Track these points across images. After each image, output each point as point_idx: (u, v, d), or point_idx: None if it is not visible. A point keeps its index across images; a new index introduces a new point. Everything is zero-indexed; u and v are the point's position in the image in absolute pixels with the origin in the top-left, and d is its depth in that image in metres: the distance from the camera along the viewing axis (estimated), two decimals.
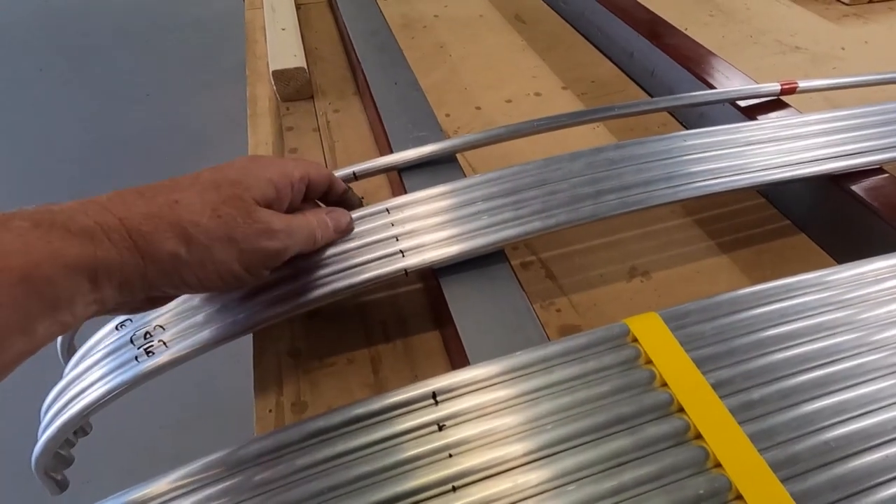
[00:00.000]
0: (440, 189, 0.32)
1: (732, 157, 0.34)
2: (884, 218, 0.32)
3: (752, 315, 0.24)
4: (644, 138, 0.35)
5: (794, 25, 0.63)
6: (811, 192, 0.36)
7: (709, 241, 0.37)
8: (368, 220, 0.30)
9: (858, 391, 0.21)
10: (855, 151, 0.35)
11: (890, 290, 0.26)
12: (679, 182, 0.32)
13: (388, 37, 0.51)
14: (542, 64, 0.56)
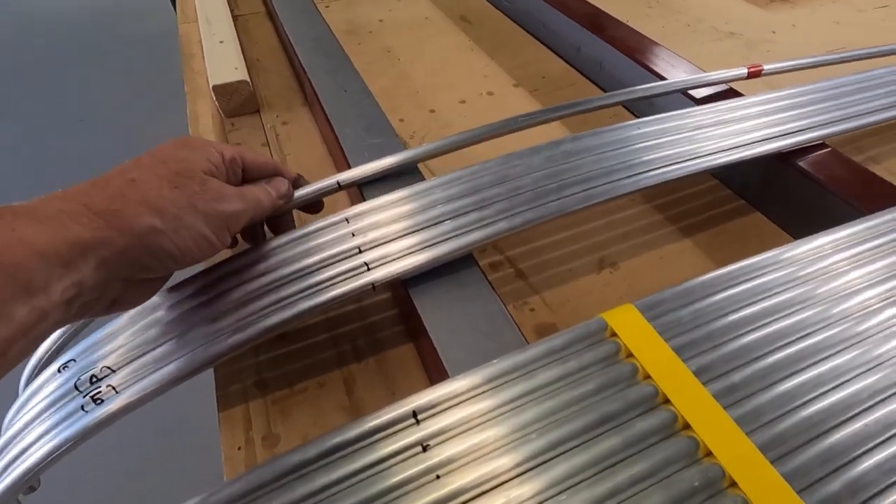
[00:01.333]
0: (400, 194, 0.30)
1: (684, 142, 0.35)
2: (830, 190, 0.33)
3: (723, 298, 0.24)
4: (599, 129, 0.35)
5: (727, 13, 0.66)
6: (761, 172, 0.37)
7: (669, 226, 0.37)
8: (328, 231, 0.28)
9: (831, 363, 0.22)
10: (798, 129, 0.37)
11: (844, 261, 0.27)
12: (638, 171, 0.33)
13: (332, 43, 0.50)
14: (491, 63, 0.56)
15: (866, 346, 0.22)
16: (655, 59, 0.46)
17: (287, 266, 0.27)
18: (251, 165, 0.28)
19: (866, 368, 0.22)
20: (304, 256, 0.27)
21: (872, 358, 0.22)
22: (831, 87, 0.42)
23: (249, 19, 0.64)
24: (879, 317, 0.24)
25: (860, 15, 0.66)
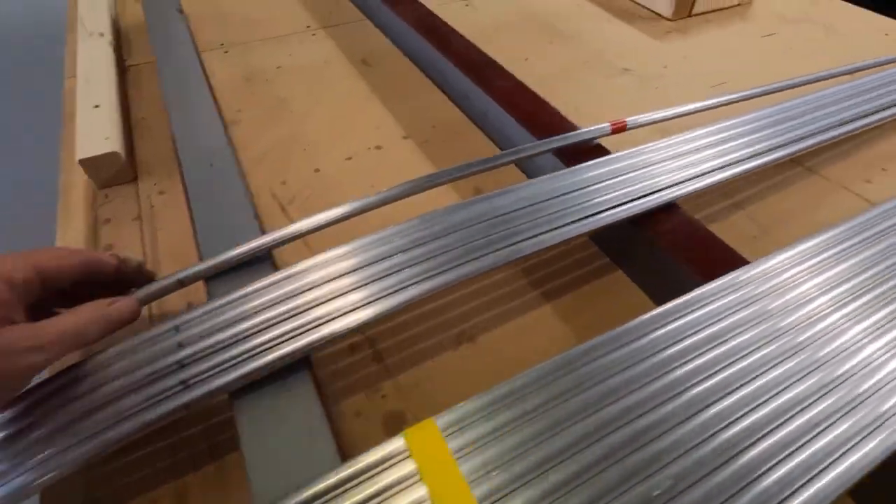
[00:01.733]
0: (242, 292, 0.30)
1: (557, 206, 0.36)
2: (675, 259, 0.34)
3: (526, 408, 0.25)
4: (474, 199, 0.36)
5: (623, 46, 0.68)
6: (618, 234, 0.38)
7: (532, 291, 0.38)
8: (151, 343, 0.28)
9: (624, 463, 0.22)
10: (653, 188, 0.38)
11: (683, 332, 0.28)
12: (517, 239, 0.33)
13: (208, 104, 0.49)
14: (385, 112, 0.56)
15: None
16: (532, 115, 0.47)
17: (104, 386, 0.26)
18: (50, 271, 0.25)
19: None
20: (121, 374, 0.26)
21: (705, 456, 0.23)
22: (691, 139, 0.43)
23: (143, 69, 0.63)
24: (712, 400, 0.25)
25: (747, 44, 0.68)
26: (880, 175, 0.48)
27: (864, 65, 0.59)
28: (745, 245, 0.41)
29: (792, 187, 0.47)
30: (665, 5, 0.73)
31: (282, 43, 0.68)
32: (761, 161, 0.42)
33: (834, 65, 0.63)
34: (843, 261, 0.34)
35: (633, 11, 0.76)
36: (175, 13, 0.63)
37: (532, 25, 0.72)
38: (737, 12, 0.76)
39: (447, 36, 0.58)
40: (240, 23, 0.72)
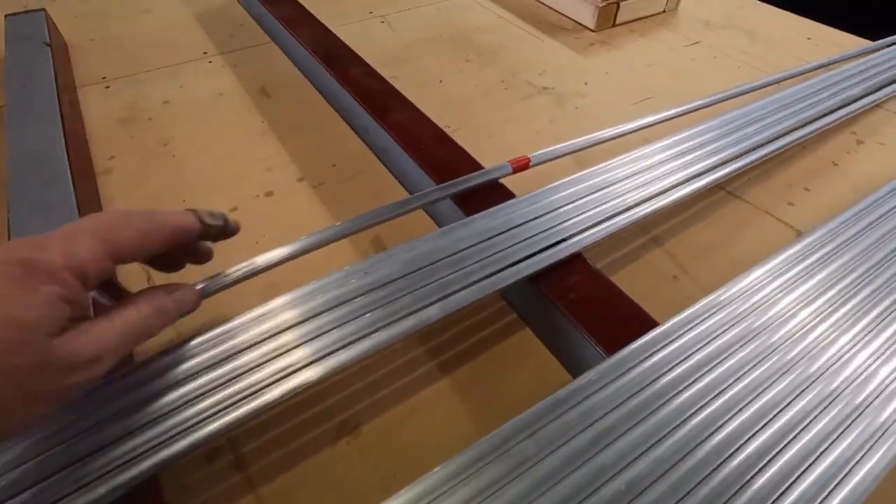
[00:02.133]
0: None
1: (460, 262, 0.32)
2: (571, 320, 0.30)
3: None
4: (367, 262, 0.31)
5: (544, 62, 0.64)
6: (521, 292, 0.34)
7: (428, 362, 0.34)
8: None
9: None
10: (556, 239, 0.34)
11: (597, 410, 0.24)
12: (417, 306, 0.29)
13: (59, 158, 0.42)
14: (280, 150, 0.50)
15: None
16: (431, 153, 0.42)
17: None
18: (135, 257, 0.23)
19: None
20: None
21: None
22: (603, 170, 0.40)
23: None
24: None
25: (672, 54, 0.66)
26: (803, 196, 0.46)
27: (784, 75, 0.58)
28: (665, 288, 0.38)
29: (713, 216, 0.44)
30: (588, 16, 0.71)
31: (173, 73, 0.61)
32: (682, 193, 0.39)
33: (759, 73, 0.62)
34: (770, 306, 0.30)
35: (557, 23, 0.73)
36: (41, 48, 0.56)
37: (450, 42, 0.68)
38: (661, 20, 0.74)
39: (346, 63, 0.53)
40: (131, 51, 0.66)
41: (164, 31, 0.70)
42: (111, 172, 0.48)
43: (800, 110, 0.50)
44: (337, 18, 0.72)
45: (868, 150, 0.51)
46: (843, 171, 0.49)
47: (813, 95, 0.52)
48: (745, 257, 0.40)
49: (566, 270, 0.33)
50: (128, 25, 0.71)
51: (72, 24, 0.71)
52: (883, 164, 0.50)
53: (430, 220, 0.43)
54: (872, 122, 0.55)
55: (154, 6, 0.76)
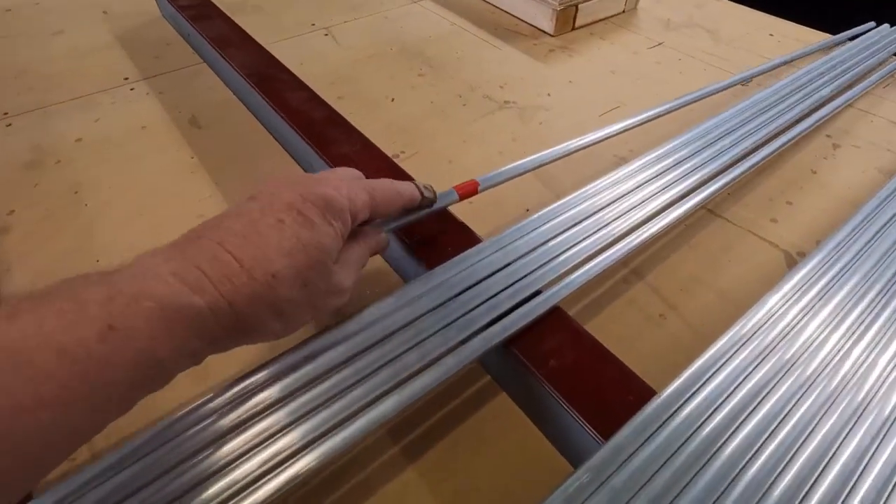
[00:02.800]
0: None
1: (426, 328, 0.27)
2: (557, 396, 0.26)
3: None
4: (317, 339, 0.26)
5: (504, 73, 0.60)
6: (492, 355, 0.30)
7: (391, 447, 0.29)
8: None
9: None
10: (526, 296, 0.29)
11: None
12: (381, 389, 0.24)
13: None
14: (214, 190, 0.44)
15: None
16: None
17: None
18: (380, 216, 0.27)
19: None
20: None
21: None
22: (575, 201, 0.35)
23: None
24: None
25: (636, 58, 0.63)
26: (786, 211, 0.43)
27: (751, 73, 0.55)
28: (653, 328, 0.34)
29: (694, 239, 0.40)
30: (546, 20, 0.67)
31: (88, 105, 0.54)
32: (665, 221, 0.35)
33: (725, 73, 0.59)
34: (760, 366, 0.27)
35: (514, 29, 0.69)
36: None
37: (400, 55, 0.63)
38: (621, 21, 0.71)
39: (285, 87, 0.47)
40: (37, 81, 0.58)
41: (78, 56, 0.62)
42: (9, 231, 0.40)
43: (773, 117, 0.47)
44: (276, 34, 0.66)
45: (845, 154, 0.49)
46: (822, 179, 0.46)
47: (784, 99, 0.50)
48: (734, 287, 0.37)
49: (544, 329, 0.28)
50: (35, 50, 0.63)
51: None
52: (861, 169, 0.47)
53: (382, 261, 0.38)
54: (845, 123, 0.53)
55: (67, 26, 0.68)
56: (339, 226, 0.23)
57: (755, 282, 0.37)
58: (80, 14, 0.71)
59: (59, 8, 0.72)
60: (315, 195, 0.22)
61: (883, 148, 0.50)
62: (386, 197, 0.26)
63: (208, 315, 0.19)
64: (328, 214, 0.23)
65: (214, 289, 0.19)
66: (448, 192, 0.33)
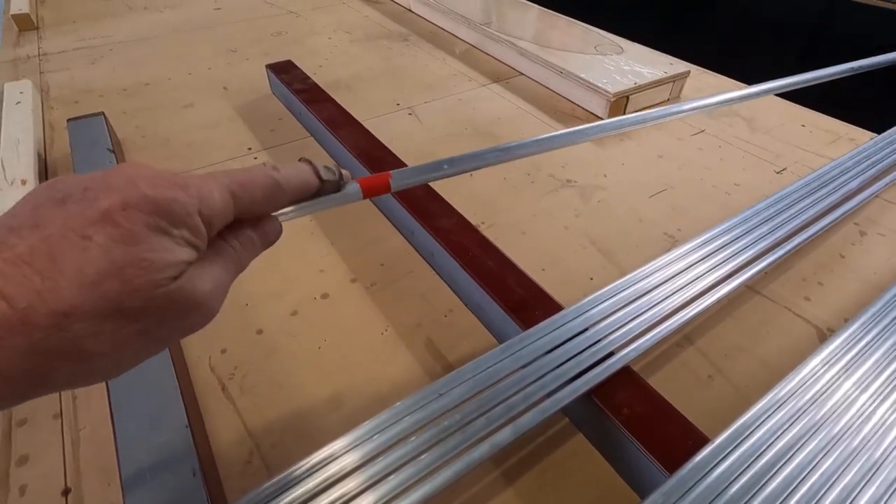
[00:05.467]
0: None
1: (522, 380, 0.35)
2: (630, 437, 0.33)
3: None
4: (430, 389, 0.34)
5: (564, 154, 0.70)
6: (575, 403, 0.37)
7: (493, 470, 0.36)
8: None
9: None
10: (602, 356, 0.37)
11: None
12: (484, 431, 0.32)
13: None
14: (331, 250, 0.54)
15: None
16: (478, 262, 0.46)
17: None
18: (252, 212, 0.23)
19: None
20: None
21: None
22: (636, 279, 0.43)
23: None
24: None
25: (680, 144, 0.72)
26: (818, 291, 0.50)
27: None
28: (702, 388, 0.41)
29: (737, 311, 0.48)
30: (600, 107, 0.77)
31: (222, 170, 0.66)
32: (714, 298, 0.43)
33: (761, 161, 0.67)
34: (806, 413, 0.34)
35: (571, 113, 0.79)
36: (105, 153, 0.61)
37: (474, 135, 0.74)
38: None
39: (388, 165, 0.58)
40: (179, 148, 0.71)
41: (208, 127, 0.75)
42: None
43: (806, 207, 0.54)
44: (367, 111, 0.78)
45: (871, 242, 0.56)
46: (850, 264, 0.53)
47: (816, 190, 0.57)
48: (773, 355, 0.44)
49: (617, 384, 0.36)
50: (173, 121, 0.77)
51: (122, 119, 0.76)
52: (886, 256, 0.54)
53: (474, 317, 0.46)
54: (872, 213, 0.60)
55: (196, 100, 0.82)
56: (183, 233, 0.19)
57: (790, 351, 0.44)
58: (205, 90, 0.85)
59: (187, 84, 0.87)
60: (143, 199, 0.18)
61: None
62: (264, 194, 0.22)
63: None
64: (163, 221, 0.18)
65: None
66: (351, 185, 0.27)
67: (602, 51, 0.86)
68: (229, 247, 0.22)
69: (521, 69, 0.91)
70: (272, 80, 0.82)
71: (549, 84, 0.85)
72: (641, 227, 0.57)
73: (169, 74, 0.90)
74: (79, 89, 0.84)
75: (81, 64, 0.93)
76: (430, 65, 0.94)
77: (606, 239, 0.56)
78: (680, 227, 0.57)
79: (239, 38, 1.04)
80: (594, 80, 0.76)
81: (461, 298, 0.49)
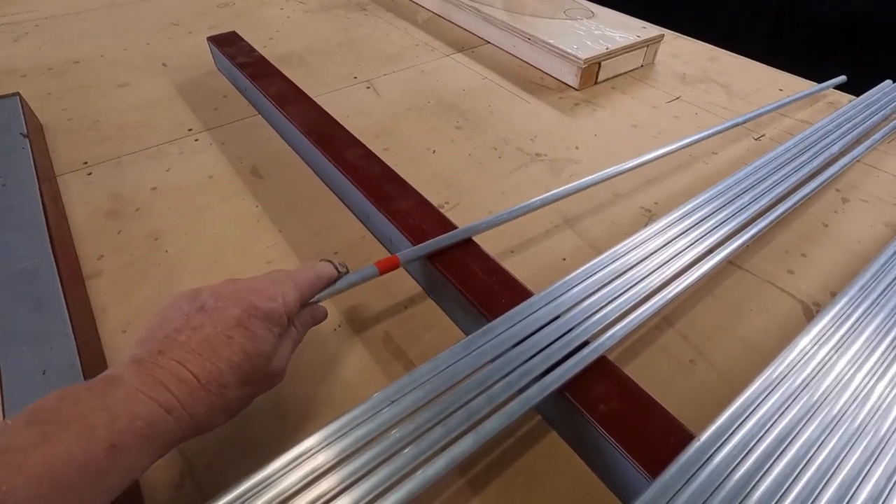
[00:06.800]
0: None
1: (491, 376, 0.31)
2: (608, 438, 0.30)
3: None
4: (398, 381, 0.30)
5: (533, 125, 0.65)
6: (546, 400, 0.33)
7: (459, 479, 0.32)
8: None
9: None
10: (575, 347, 0.34)
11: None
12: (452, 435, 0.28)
13: (47, 268, 0.40)
14: (278, 239, 0.49)
15: None
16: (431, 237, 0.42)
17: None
18: (305, 299, 0.33)
19: None
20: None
21: None
22: (611, 258, 0.40)
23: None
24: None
25: (655, 112, 0.68)
26: (801, 263, 0.47)
27: (758, 112, 0.60)
28: (684, 374, 0.38)
29: (718, 289, 0.44)
30: (571, 75, 0.72)
31: (159, 155, 0.59)
32: (695, 276, 0.40)
33: (740, 128, 0.64)
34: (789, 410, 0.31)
35: (541, 83, 0.74)
36: (19, 139, 0.54)
37: (438, 108, 0.68)
38: (640, 75, 0.76)
39: (341, 144, 0.53)
40: (110, 131, 0.64)
41: (144, 107, 0.68)
42: (101, 275, 0.45)
43: (787, 174, 0.51)
44: (321, 86, 0.72)
45: (854, 208, 0.53)
46: (833, 233, 0.50)
47: (796, 157, 0.54)
48: (757, 335, 0.41)
49: (593, 377, 0.32)
50: (105, 102, 0.69)
51: (45, 102, 0.68)
52: (868, 223, 0.51)
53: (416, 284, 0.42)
54: (853, 178, 0.57)
55: (131, 79, 0.74)
56: (277, 330, 0.29)
57: (775, 330, 0.41)
58: (143, 67, 0.77)
59: (122, 61, 0.79)
60: (258, 311, 0.28)
61: (889, 202, 0.54)
62: (310, 284, 0.32)
63: (175, 428, 0.24)
64: (269, 324, 0.28)
65: (181, 406, 0.24)
66: (369, 268, 0.37)
67: (572, 15, 0.81)
68: (294, 329, 0.31)
69: (487, 37, 0.85)
70: (215, 54, 0.75)
71: (517, 52, 0.80)
72: (616, 202, 0.54)
73: (101, 51, 0.81)
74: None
75: (3, 42, 0.83)
76: (391, 35, 0.88)
77: (579, 216, 0.52)
78: (657, 201, 0.54)
79: (182, 11, 0.95)
80: (564, 46, 0.72)
81: (422, 286, 0.44)
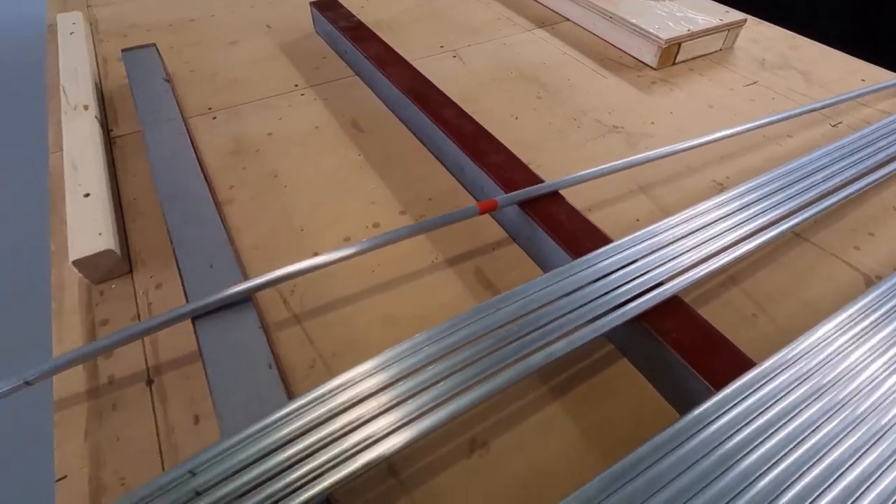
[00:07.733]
0: (258, 426, 0.30)
1: (567, 306, 0.37)
2: (678, 357, 0.35)
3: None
4: (485, 305, 0.36)
5: (611, 100, 0.69)
6: (622, 329, 0.39)
7: (540, 387, 0.38)
8: (165, 492, 0.27)
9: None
10: (652, 285, 0.38)
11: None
12: (532, 348, 0.34)
13: (201, 187, 0.48)
14: (380, 184, 0.56)
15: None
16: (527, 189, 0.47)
17: None
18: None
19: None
20: None
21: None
22: (687, 219, 0.44)
23: (130, 141, 0.61)
24: None
25: (732, 95, 0.70)
26: (868, 241, 0.50)
27: (836, 99, 0.61)
28: (745, 326, 0.42)
29: (784, 257, 0.48)
30: (650, 55, 0.75)
31: (270, 106, 0.67)
32: (762, 240, 0.43)
33: (818, 116, 0.65)
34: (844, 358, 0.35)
35: (619, 60, 0.77)
36: (161, 83, 0.62)
37: (519, 79, 0.73)
38: (719, 59, 0.78)
39: (438, 104, 0.58)
40: (227, 82, 0.72)
41: (254, 63, 0.76)
42: (233, 202, 0.53)
43: (862, 158, 0.53)
44: (412, 53, 0.78)
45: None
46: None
47: (872, 143, 0.56)
48: (817, 299, 0.44)
49: (666, 311, 0.37)
50: (219, 57, 0.77)
51: (170, 54, 0.77)
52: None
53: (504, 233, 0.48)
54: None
55: (240, 38, 0.82)
56: None
57: (836, 294, 0.45)
58: (249, 28, 0.85)
59: (231, 22, 0.87)
60: None
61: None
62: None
63: None
64: None
65: None
66: (470, 208, 0.44)
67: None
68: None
69: (566, 14, 0.89)
70: (316, 18, 0.82)
71: (596, 30, 0.83)
72: (689, 174, 0.57)
73: (212, 12, 0.90)
74: (125, 24, 0.85)
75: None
76: (474, 8, 0.92)
77: (653, 184, 0.56)
78: (728, 175, 0.57)
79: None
80: (646, 25, 0.74)
81: (508, 233, 0.50)
